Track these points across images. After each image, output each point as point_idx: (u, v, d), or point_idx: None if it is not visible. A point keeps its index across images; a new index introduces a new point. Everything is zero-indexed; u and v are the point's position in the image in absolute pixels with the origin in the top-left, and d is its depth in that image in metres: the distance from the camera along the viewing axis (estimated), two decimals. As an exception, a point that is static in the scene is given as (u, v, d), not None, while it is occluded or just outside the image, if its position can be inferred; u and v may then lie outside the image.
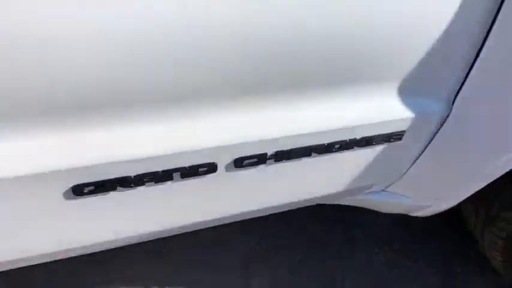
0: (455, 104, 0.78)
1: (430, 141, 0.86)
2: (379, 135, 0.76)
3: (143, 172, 0.65)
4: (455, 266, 1.34)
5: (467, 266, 1.33)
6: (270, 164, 0.71)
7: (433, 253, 1.37)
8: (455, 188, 0.96)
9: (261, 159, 0.70)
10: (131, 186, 0.66)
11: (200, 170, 0.67)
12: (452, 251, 1.38)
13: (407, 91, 0.75)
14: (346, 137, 0.74)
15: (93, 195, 0.64)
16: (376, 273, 1.29)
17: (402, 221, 1.41)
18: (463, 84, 0.75)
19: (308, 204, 0.89)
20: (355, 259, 1.32)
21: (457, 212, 1.22)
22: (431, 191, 1.00)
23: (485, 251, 1.17)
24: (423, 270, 1.31)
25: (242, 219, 0.82)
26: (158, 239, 0.83)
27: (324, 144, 0.73)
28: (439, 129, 0.83)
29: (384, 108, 0.74)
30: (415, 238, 1.41)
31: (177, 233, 0.78)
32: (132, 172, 0.65)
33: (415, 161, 0.91)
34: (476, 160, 0.86)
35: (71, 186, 0.62)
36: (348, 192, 0.89)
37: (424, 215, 1.10)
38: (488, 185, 0.90)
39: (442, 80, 0.75)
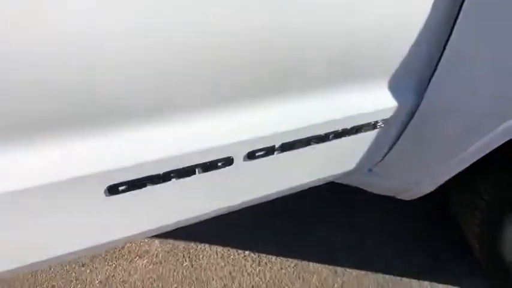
0: (426, 93, 0.91)
1: (406, 127, 0.98)
2: (366, 124, 0.89)
3: (170, 169, 0.74)
4: (441, 252, 1.42)
5: (453, 254, 1.41)
6: (278, 154, 0.82)
7: (422, 238, 1.45)
8: (432, 172, 1.02)
9: (269, 151, 0.81)
10: (160, 182, 0.75)
11: (219, 164, 0.77)
12: (441, 239, 1.46)
13: (389, 84, 0.87)
14: (339, 127, 0.86)
15: (126, 192, 0.73)
16: (365, 251, 1.41)
17: (395, 207, 1.52)
18: (431, 76, 0.89)
19: (309, 186, 1.01)
20: (347, 238, 1.45)
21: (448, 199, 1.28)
22: (411, 174, 1.08)
23: (468, 239, 1.21)
24: (410, 252, 1.41)
25: (255, 203, 0.93)
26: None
27: (321, 135, 0.85)
28: (412, 116, 0.95)
29: (370, 101, 0.87)
30: (406, 222, 1.51)
31: (200, 220, 0.88)
32: (160, 170, 0.73)
33: (393, 145, 1.03)
34: (448, 146, 0.94)
35: (107, 186, 0.70)
36: (341, 174, 1.02)
37: (410, 198, 1.16)
38: (465, 173, 0.95)
39: (415, 74, 0.88)
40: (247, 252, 1.36)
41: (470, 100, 0.87)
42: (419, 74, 0.88)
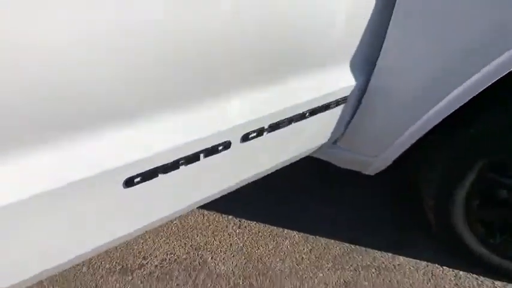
0: (373, 72, 1.07)
1: (359, 103, 1.13)
2: (333, 101, 1.04)
3: (178, 158, 0.82)
4: (411, 227, 1.51)
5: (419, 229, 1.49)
6: (267, 134, 0.94)
7: (397, 213, 1.57)
8: (386, 145, 1.08)
9: (260, 132, 0.93)
10: (170, 171, 0.82)
11: (219, 148, 0.87)
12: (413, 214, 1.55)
13: (349, 66, 1.04)
14: (312, 106, 1.01)
15: (141, 183, 0.79)
16: (337, 223, 1.54)
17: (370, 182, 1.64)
18: (377, 59, 1.07)
19: (294, 161, 1.15)
20: (323, 210, 1.59)
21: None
22: (367, 147, 1.17)
23: (426, 212, 1.22)
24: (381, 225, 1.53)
25: (252, 180, 1.04)
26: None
27: (299, 113, 0.99)
28: (364, 93, 1.11)
29: (334, 82, 1.03)
30: (381, 197, 1.67)
31: (207, 202, 0.97)
32: (169, 159, 0.81)
33: (350, 120, 1.19)
34: (397, 119, 1.02)
35: (124, 179, 0.76)
36: (316, 147, 1.17)
37: (372, 172, 1.22)
38: (422, 147, 0.99)
39: (366, 57, 1.06)
40: (230, 217, 1.57)
41: (413, 75, 1.00)
42: (370, 56, 1.06)
